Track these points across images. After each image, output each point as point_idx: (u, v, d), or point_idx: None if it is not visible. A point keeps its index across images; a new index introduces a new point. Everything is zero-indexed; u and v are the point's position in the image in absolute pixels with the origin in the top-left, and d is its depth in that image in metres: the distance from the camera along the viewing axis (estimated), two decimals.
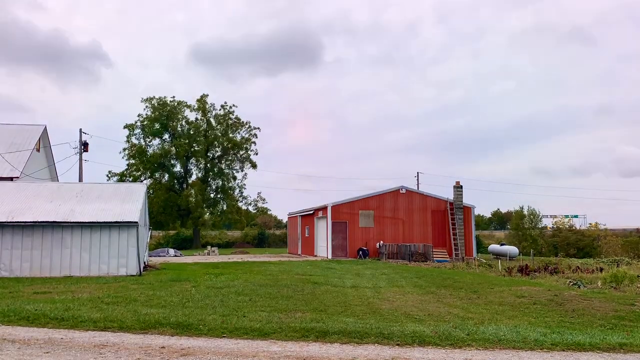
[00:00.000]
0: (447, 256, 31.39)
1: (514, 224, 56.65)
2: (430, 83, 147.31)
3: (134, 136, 56.10)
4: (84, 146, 36.84)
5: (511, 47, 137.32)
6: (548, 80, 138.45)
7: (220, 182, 58.75)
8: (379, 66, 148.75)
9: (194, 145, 56.17)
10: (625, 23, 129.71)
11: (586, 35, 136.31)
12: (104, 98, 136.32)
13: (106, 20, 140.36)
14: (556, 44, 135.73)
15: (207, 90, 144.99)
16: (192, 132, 56.86)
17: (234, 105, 58.55)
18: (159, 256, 34.79)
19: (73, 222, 18.45)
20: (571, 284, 17.24)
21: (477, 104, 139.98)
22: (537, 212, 54.22)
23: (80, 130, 37.00)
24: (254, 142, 58.87)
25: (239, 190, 59.14)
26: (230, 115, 58.27)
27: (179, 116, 57.16)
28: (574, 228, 54.88)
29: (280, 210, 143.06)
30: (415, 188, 47.48)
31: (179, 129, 57.22)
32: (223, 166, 58.89)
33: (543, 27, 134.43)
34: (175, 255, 36.89)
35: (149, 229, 27.63)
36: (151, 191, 53.47)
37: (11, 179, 24.96)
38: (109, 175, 54.61)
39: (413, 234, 32.88)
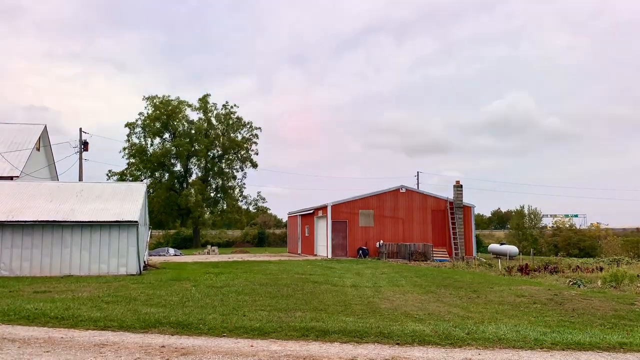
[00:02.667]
0: (447, 255, 31.40)
1: (514, 223, 56.72)
2: None
3: (135, 135, 56.17)
4: (84, 145, 36.86)
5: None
6: None
7: (221, 182, 58.78)
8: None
9: (194, 144, 56.17)
10: None
11: None
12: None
13: None
14: None
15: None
16: (193, 132, 56.86)
17: (235, 105, 58.64)
18: (159, 255, 34.80)
19: (73, 222, 18.45)
20: (571, 283, 17.24)
21: None
22: (538, 212, 54.29)
23: (80, 129, 37.03)
24: (255, 143, 58.97)
25: (239, 190, 59.23)
26: (232, 116, 58.30)
27: (180, 115, 57.16)
28: (574, 227, 54.92)
29: (280, 209, 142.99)
30: (415, 187, 47.47)
31: (180, 128, 57.23)
32: (223, 165, 58.90)
33: None
34: (175, 255, 36.91)
35: (149, 228, 27.64)
36: (151, 190, 53.48)
37: (11, 178, 24.96)
38: (109, 175, 54.70)
39: (413, 233, 32.89)
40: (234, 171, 59.06)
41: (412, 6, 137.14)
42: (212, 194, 58.52)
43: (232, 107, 58.38)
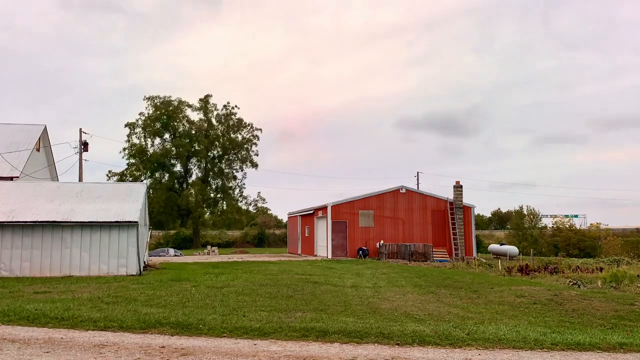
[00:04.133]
0: (447, 256, 31.39)
1: (514, 223, 56.72)
2: None
3: (135, 135, 56.17)
4: (84, 146, 36.84)
5: None
6: None
7: (221, 182, 58.80)
8: None
9: (194, 145, 56.17)
10: None
11: None
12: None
13: None
14: None
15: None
16: (193, 132, 56.87)
17: (236, 107, 58.68)
18: (159, 256, 34.80)
19: (73, 222, 18.45)
20: (571, 283, 17.23)
21: None
22: (537, 212, 54.31)
23: (80, 130, 37.02)
24: (255, 143, 58.98)
25: (239, 190, 59.24)
26: (232, 116, 58.32)
27: (180, 116, 57.17)
28: (574, 228, 54.92)
29: (280, 210, 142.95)
30: (415, 188, 47.46)
31: (180, 128, 57.24)
32: (223, 166, 58.92)
33: None
34: (175, 255, 36.91)
35: (149, 228, 27.63)
36: (151, 191, 53.50)
37: (11, 178, 24.94)
38: (109, 175, 54.70)
39: (413, 233, 32.89)
40: (234, 171, 59.15)
41: None
42: (212, 195, 58.54)
43: (232, 107, 58.49)
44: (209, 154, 57.67)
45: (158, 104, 55.99)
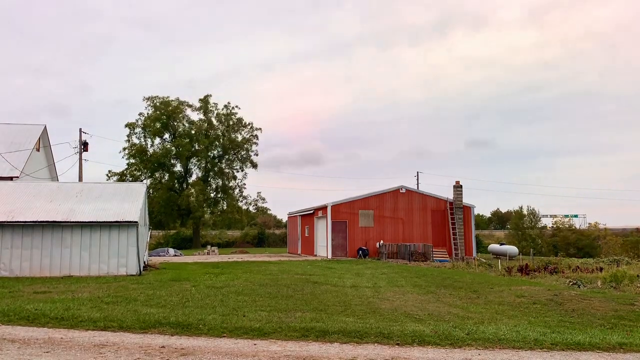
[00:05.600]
0: (447, 256, 31.39)
1: (514, 223, 56.71)
2: None
3: (135, 135, 56.15)
4: (84, 146, 36.83)
5: None
6: None
7: (221, 182, 58.79)
8: None
9: (195, 144, 56.17)
10: None
11: None
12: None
13: None
14: None
15: None
16: (193, 132, 56.86)
17: (237, 107, 58.70)
18: (159, 256, 34.80)
19: (73, 222, 18.44)
20: (571, 283, 17.24)
21: None
22: (537, 212, 54.30)
23: (80, 130, 37.01)
24: (255, 143, 58.98)
25: (239, 190, 59.23)
26: (233, 116, 58.32)
27: (180, 116, 57.16)
28: (573, 228, 54.92)
29: (280, 210, 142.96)
30: (415, 188, 47.46)
31: (180, 128, 57.24)
32: (223, 165, 58.92)
33: None
34: (175, 255, 36.90)
35: (149, 228, 27.62)
36: (151, 191, 53.50)
37: (11, 178, 24.95)
38: (109, 175, 54.67)
39: (413, 233, 32.89)
40: (234, 171, 59.14)
41: None
42: (212, 194, 58.52)
43: (233, 107, 58.51)
44: (209, 153, 57.66)
45: (157, 104, 55.99)
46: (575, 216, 63.79)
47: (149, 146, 56.43)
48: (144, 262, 20.93)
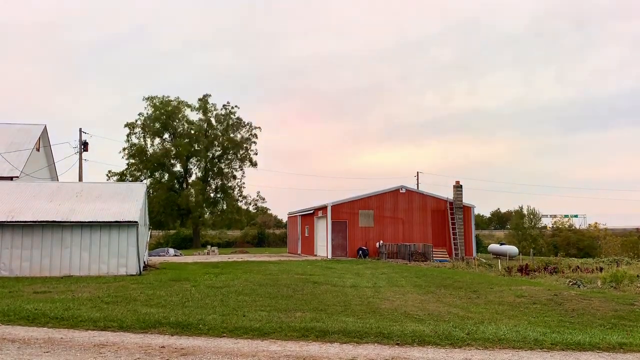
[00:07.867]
0: (447, 256, 31.39)
1: (514, 223, 56.71)
2: None
3: (134, 135, 56.16)
4: (84, 146, 36.84)
5: None
6: None
7: (220, 182, 58.79)
8: None
9: (194, 144, 56.18)
10: None
11: None
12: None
13: None
14: None
15: None
16: (193, 132, 56.88)
17: (236, 107, 58.68)
18: (159, 256, 34.78)
19: (73, 222, 18.44)
20: (571, 283, 17.24)
21: None
22: (537, 212, 54.30)
23: (80, 129, 37.02)
24: (255, 142, 58.97)
25: (239, 190, 59.23)
26: (232, 116, 58.34)
27: (180, 116, 57.17)
28: (573, 228, 54.91)
29: (280, 209, 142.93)
30: (415, 188, 47.47)
31: (180, 128, 57.26)
32: (223, 165, 58.93)
33: None
34: (175, 255, 36.89)
35: (149, 228, 27.63)
36: (151, 191, 53.47)
37: (11, 178, 24.93)
38: (109, 175, 54.70)
39: (413, 233, 32.88)
40: (234, 171, 59.14)
41: None
42: (212, 194, 58.53)
43: (232, 107, 58.51)
44: (208, 153, 57.67)
45: (157, 104, 56.01)
46: (575, 216, 63.72)
47: (148, 146, 56.49)
48: (144, 262, 20.94)
